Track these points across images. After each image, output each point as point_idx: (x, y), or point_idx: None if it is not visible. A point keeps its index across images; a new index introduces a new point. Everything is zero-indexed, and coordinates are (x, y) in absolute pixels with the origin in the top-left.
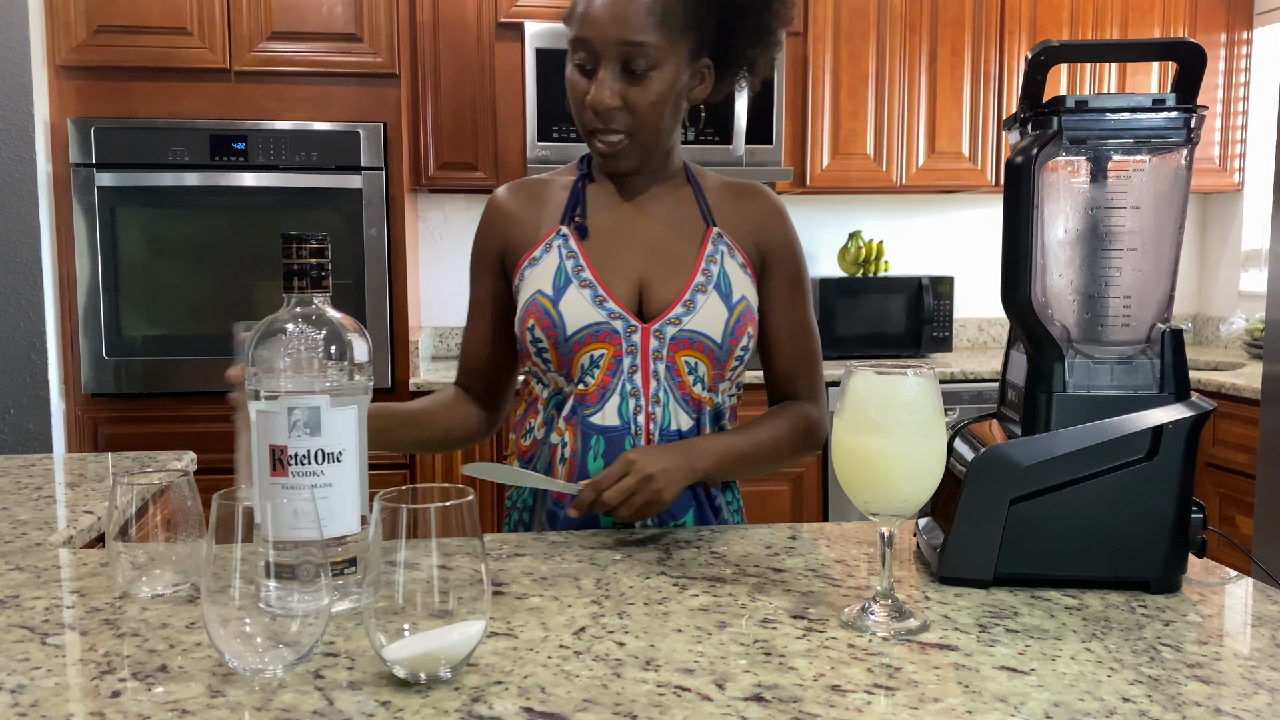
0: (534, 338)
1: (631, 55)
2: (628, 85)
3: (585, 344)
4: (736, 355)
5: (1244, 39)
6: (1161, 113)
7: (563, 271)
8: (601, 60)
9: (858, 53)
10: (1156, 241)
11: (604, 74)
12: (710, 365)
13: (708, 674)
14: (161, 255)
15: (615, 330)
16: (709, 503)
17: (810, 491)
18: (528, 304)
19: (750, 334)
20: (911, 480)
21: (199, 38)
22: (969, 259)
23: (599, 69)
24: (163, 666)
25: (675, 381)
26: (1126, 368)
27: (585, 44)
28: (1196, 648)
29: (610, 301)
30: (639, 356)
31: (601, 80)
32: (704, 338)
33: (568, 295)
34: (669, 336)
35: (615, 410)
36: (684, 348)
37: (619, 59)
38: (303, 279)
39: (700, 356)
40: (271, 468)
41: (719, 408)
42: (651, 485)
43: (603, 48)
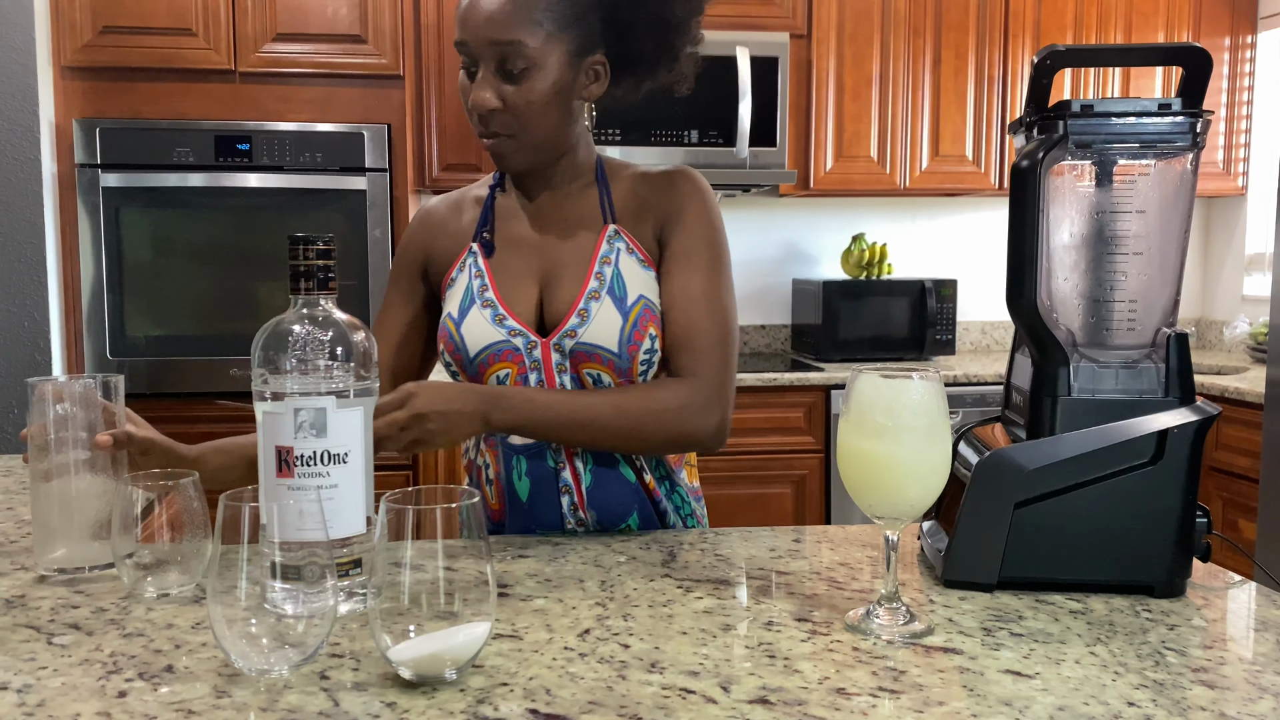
0: (446, 362)
1: (506, 55)
2: (505, 85)
3: (489, 364)
4: (641, 361)
5: (1248, 42)
6: (1167, 117)
7: (469, 292)
8: (479, 61)
9: (861, 55)
10: (1162, 246)
11: (482, 75)
12: (614, 375)
13: (713, 676)
14: (166, 256)
15: (516, 348)
16: (654, 506)
17: (813, 494)
18: (441, 327)
19: (653, 334)
20: (916, 484)
21: (204, 39)
22: (972, 262)
23: (476, 71)
24: (169, 667)
25: None
26: (1131, 372)
27: (464, 46)
28: (1201, 652)
29: (510, 319)
30: (543, 372)
31: (480, 81)
32: (600, 350)
33: (470, 317)
34: (568, 350)
35: None
36: (585, 360)
37: (494, 59)
38: (309, 280)
39: (602, 368)
40: (277, 469)
41: None
42: (423, 424)
43: (478, 49)
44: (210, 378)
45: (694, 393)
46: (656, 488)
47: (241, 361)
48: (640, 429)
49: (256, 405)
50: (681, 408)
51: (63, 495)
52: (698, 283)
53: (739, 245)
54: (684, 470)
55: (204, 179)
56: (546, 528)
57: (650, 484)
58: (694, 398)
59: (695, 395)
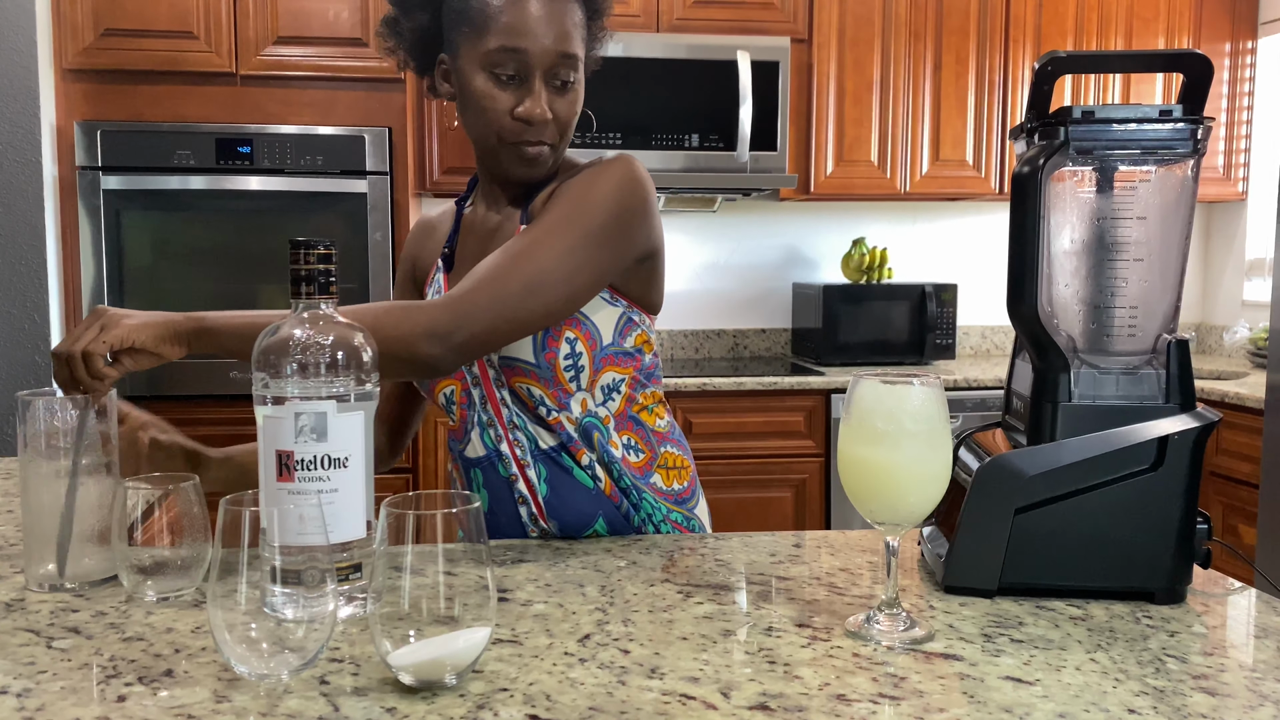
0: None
1: (562, 67)
2: (555, 96)
3: (438, 382)
4: (564, 369)
5: (1248, 48)
6: (1168, 124)
7: None
8: (533, 72)
9: (862, 60)
10: (1163, 252)
11: (537, 86)
12: (543, 386)
13: (713, 682)
14: (166, 258)
15: None
16: (616, 509)
17: (813, 498)
18: None
19: (571, 337)
20: (917, 490)
21: (205, 42)
22: (972, 267)
23: (529, 80)
24: (168, 671)
25: (522, 405)
26: (1132, 378)
27: (517, 54)
28: (1201, 659)
29: None
30: (484, 387)
31: (537, 92)
32: (519, 361)
33: None
34: (499, 364)
35: (480, 441)
36: (514, 374)
37: (550, 70)
38: (310, 285)
39: (530, 381)
40: (278, 473)
41: (583, 423)
42: (97, 319)
43: (538, 58)
44: (209, 380)
45: (440, 309)
46: (615, 494)
47: (241, 365)
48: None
49: (257, 409)
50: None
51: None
52: (535, 234)
53: (740, 250)
54: (657, 474)
55: (205, 182)
56: (511, 538)
57: (608, 489)
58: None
59: (437, 312)
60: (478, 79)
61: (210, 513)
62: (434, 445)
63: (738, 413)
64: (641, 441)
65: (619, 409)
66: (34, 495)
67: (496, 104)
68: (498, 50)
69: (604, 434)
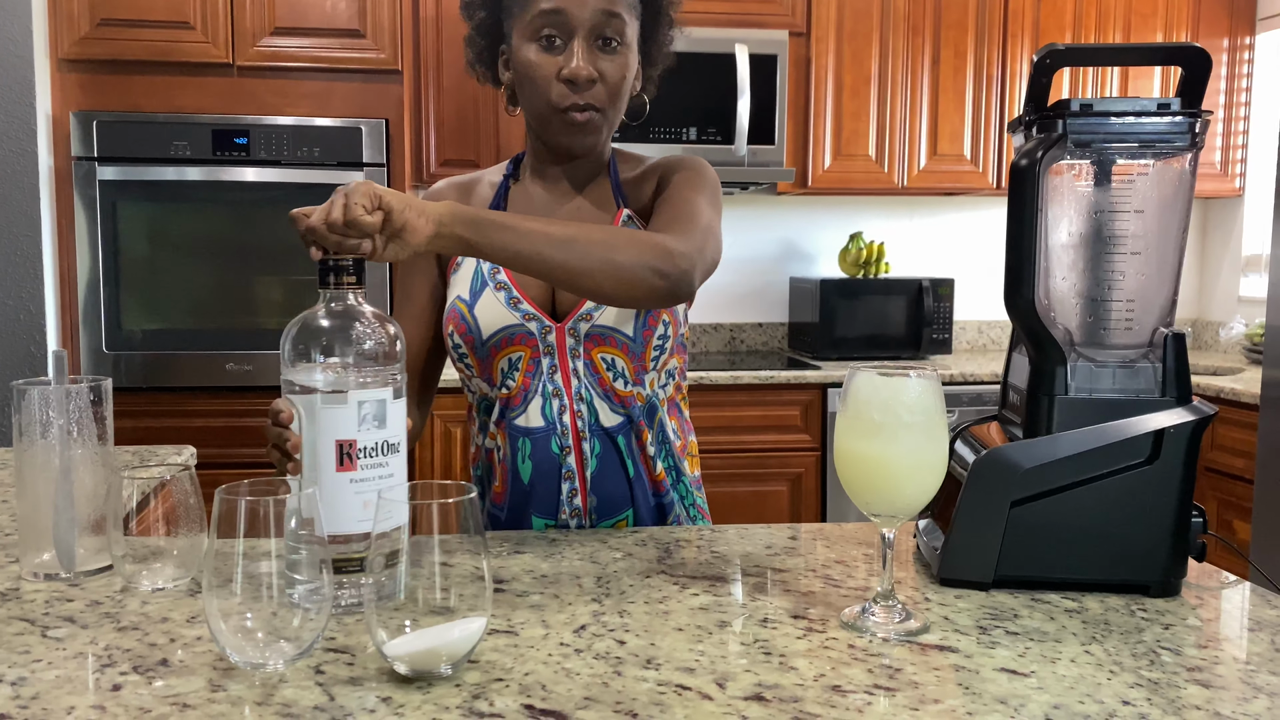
0: (455, 344)
1: (606, 26)
2: (601, 56)
3: (501, 347)
4: (655, 346)
5: (1246, 44)
6: (1166, 117)
7: (479, 275)
8: (576, 32)
9: (860, 54)
10: (1160, 246)
11: (579, 45)
12: (628, 359)
13: (708, 673)
14: (162, 249)
15: (530, 332)
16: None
17: (809, 492)
18: (449, 310)
19: (666, 320)
20: (913, 482)
21: (202, 32)
22: (969, 261)
23: (571, 42)
24: (164, 660)
25: (595, 378)
26: (1128, 371)
27: (558, 15)
28: (1196, 651)
29: (525, 303)
30: (556, 356)
31: (578, 51)
32: (615, 333)
33: (483, 299)
34: (583, 334)
35: (539, 411)
36: (599, 344)
37: (594, 31)
38: (345, 275)
39: (616, 352)
40: (338, 462)
41: (650, 400)
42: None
43: (580, 17)
44: (206, 372)
45: (672, 238)
46: (665, 477)
47: (237, 356)
48: (618, 239)
49: (299, 399)
50: (659, 237)
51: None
52: (690, 195)
53: (737, 243)
54: (686, 460)
55: (201, 173)
56: (542, 513)
57: (660, 474)
58: (671, 240)
59: (672, 239)
60: (526, 50)
61: (206, 502)
62: (430, 438)
63: (734, 406)
64: (680, 428)
65: (670, 394)
66: (29, 485)
67: (543, 70)
68: (538, 15)
69: (664, 414)
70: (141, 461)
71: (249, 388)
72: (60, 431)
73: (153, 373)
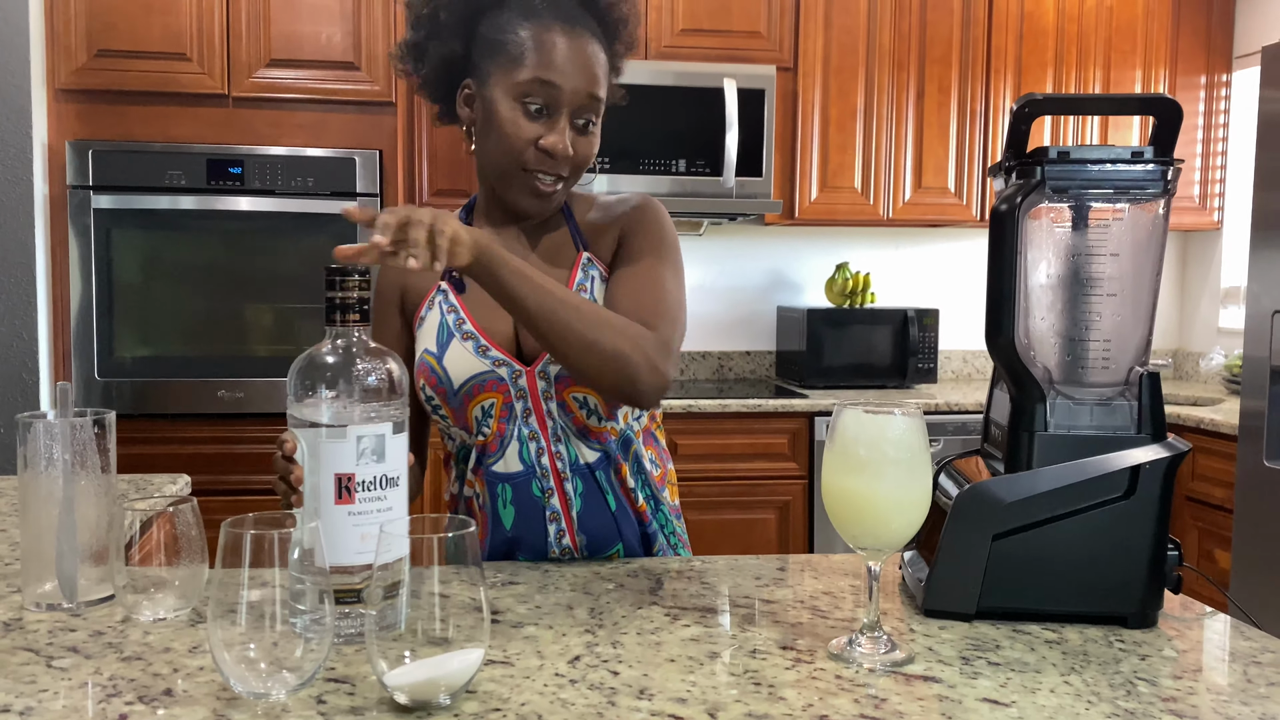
0: (427, 396)
1: (590, 109)
2: (577, 135)
3: (474, 395)
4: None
5: (1223, 81)
6: (1139, 165)
7: (445, 327)
8: (563, 108)
9: (846, 88)
10: (1135, 287)
11: (563, 122)
12: (599, 396)
13: (700, 703)
14: (156, 277)
15: (501, 377)
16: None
17: (797, 520)
18: (418, 364)
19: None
20: (898, 516)
21: (198, 63)
22: (954, 292)
23: (556, 116)
24: (167, 690)
25: (570, 418)
26: (1106, 409)
27: (551, 88)
28: (1171, 682)
29: (493, 349)
30: (529, 399)
31: (562, 128)
32: None
33: (450, 350)
34: (554, 375)
35: (516, 456)
36: (569, 385)
37: (577, 110)
38: (348, 312)
39: (588, 391)
40: (336, 495)
41: (625, 433)
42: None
43: (571, 98)
44: (198, 399)
45: (655, 339)
46: (646, 509)
47: (229, 383)
48: (605, 330)
49: (303, 433)
50: (645, 339)
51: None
52: (656, 270)
53: (725, 273)
54: (667, 489)
55: (195, 202)
56: (531, 556)
57: (642, 508)
58: (654, 342)
59: (656, 341)
60: (507, 107)
61: (207, 532)
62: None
63: (722, 434)
64: (658, 457)
65: (645, 424)
66: (33, 516)
67: (522, 133)
68: (531, 81)
69: (639, 446)
70: (138, 490)
71: (241, 415)
72: (64, 464)
73: (145, 400)
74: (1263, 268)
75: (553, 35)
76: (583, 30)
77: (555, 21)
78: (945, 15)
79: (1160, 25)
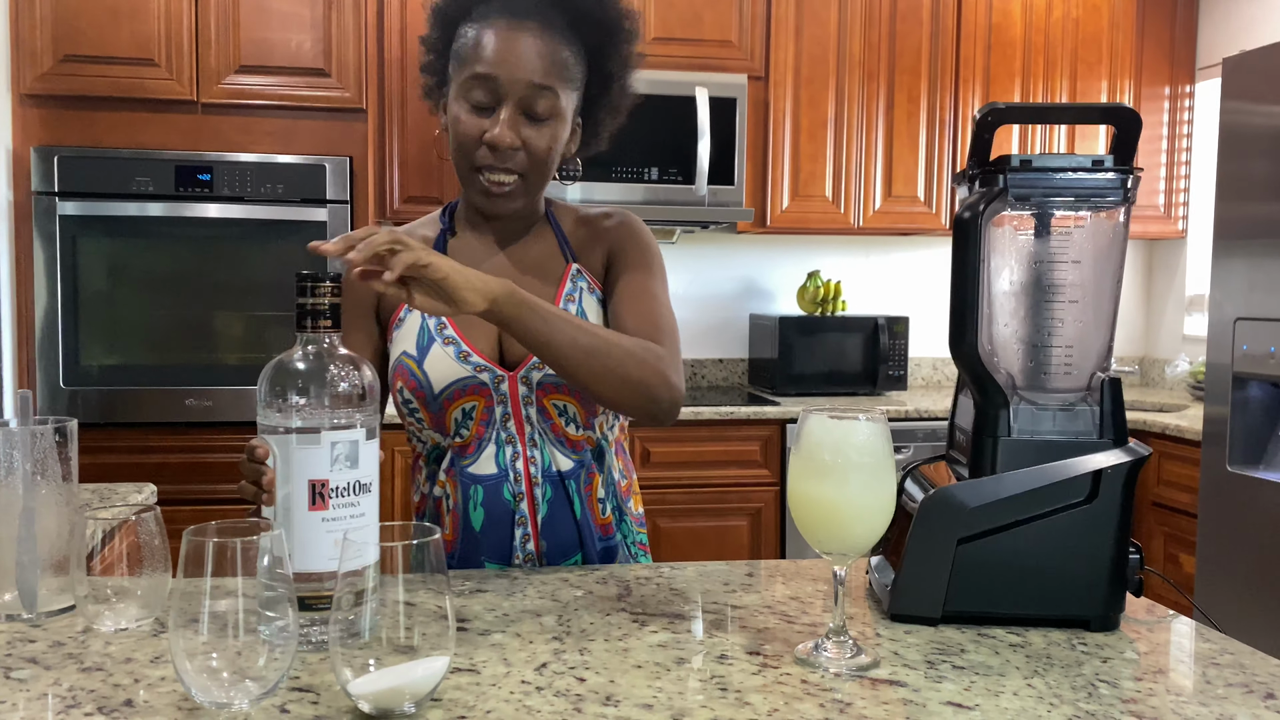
0: (405, 399)
1: (535, 98)
2: (527, 127)
3: (455, 399)
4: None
5: (1187, 92)
6: (1100, 173)
7: (425, 331)
8: (505, 100)
9: (817, 98)
10: (1096, 294)
11: (507, 113)
12: (579, 405)
13: (666, 709)
14: (123, 285)
15: (483, 382)
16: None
17: (769, 526)
18: (395, 367)
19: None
20: (862, 521)
21: (166, 69)
22: (924, 300)
23: (500, 109)
24: (128, 701)
25: (548, 424)
26: (1068, 414)
27: (489, 81)
28: (1132, 684)
29: (474, 355)
30: (510, 404)
31: (504, 119)
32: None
33: (431, 354)
34: (535, 382)
35: (492, 459)
36: (550, 391)
37: (522, 100)
38: (319, 318)
39: (568, 398)
40: (310, 501)
41: (600, 443)
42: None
43: (510, 88)
44: (166, 408)
45: (668, 358)
46: (610, 520)
47: (197, 392)
48: (628, 359)
49: (274, 439)
50: (661, 360)
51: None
52: (652, 287)
53: (698, 281)
54: (632, 499)
55: (163, 208)
56: (495, 559)
57: (607, 519)
58: (668, 361)
59: (668, 360)
60: (456, 108)
61: (170, 541)
62: (390, 473)
63: (695, 442)
64: (625, 467)
65: (616, 435)
66: None
67: (469, 129)
68: (471, 78)
69: (610, 456)
70: (101, 500)
71: (209, 423)
72: (25, 473)
73: (111, 408)
74: (1225, 276)
75: (492, 30)
76: (532, 23)
77: (501, 18)
78: (915, 26)
79: (1125, 37)
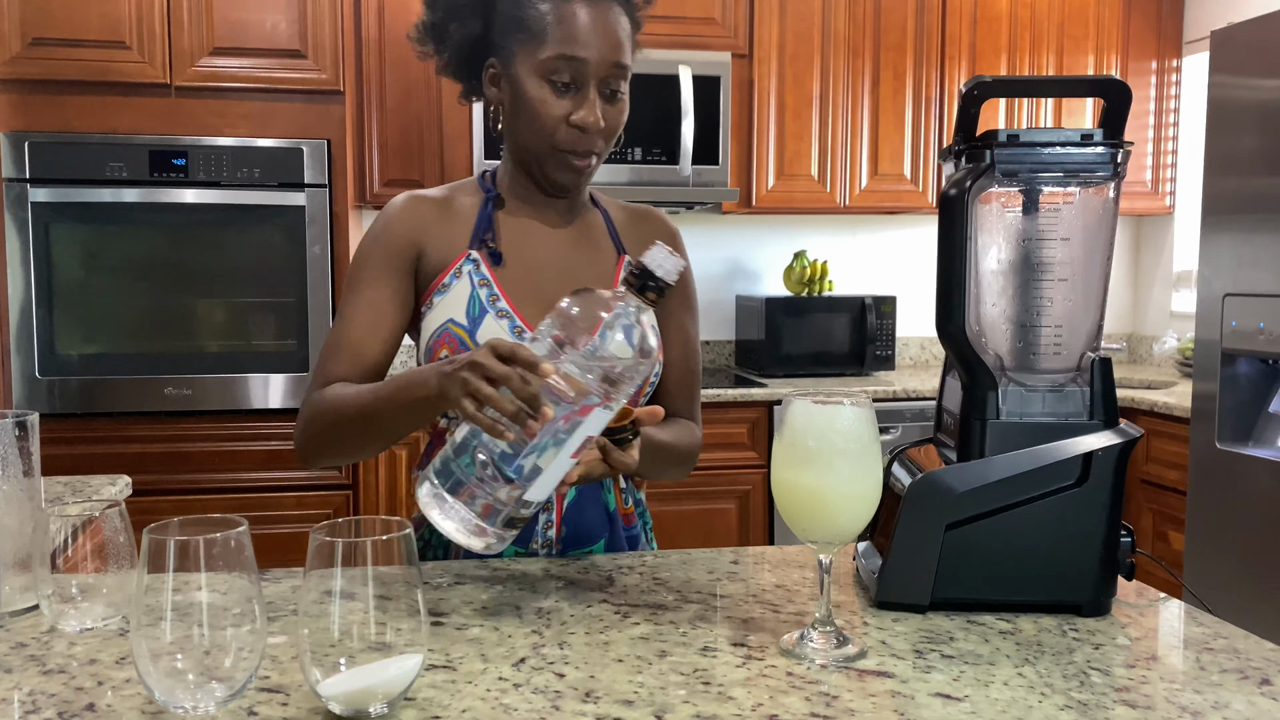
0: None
1: (616, 78)
2: (606, 105)
3: None
4: (650, 383)
5: (1174, 66)
6: (1089, 148)
7: (476, 300)
8: (590, 81)
9: (802, 76)
10: (1086, 272)
11: (592, 94)
12: None
13: (647, 705)
14: (98, 272)
15: None
16: (627, 529)
17: (757, 509)
18: (439, 333)
19: (659, 362)
20: (847, 509)
21: (138, 52)
22: (911, 279)
23: (584, 89)
24: (90, 705)
25: None
26: (1058, 395)
27: (576, 63)
28: (1124, 671)
29: (529, 332)
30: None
31: (593, 100)
32: None
33: (485, 325)
34: None
35: None
36: None
37: (605, 81)
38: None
39: None
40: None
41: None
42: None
43: (598, 69)
44: (144, 397)
45: (699, 424)
46: (633, 511)
47: (176, 380)
48: (689, 459)
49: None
50: (698, 439)
51: None
52: (694, 333)
53: None
54: (642, 488)
55: (138, 194)
56: (516, 540)
57: (630, 509)
58: (699, 429)
59: (699, 427)
60: (533, 86)
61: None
62: (374, 463)
63: None
64: None
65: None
66: None
67: (552, 110)
68: (555, 58)
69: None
70: (75, 492)
71: (188, 412)
72: None
73: (88, 398)
74: (1213, 251)
75: (573, 6)
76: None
77: None
78: (900, 2)
79: (1112, 11)
